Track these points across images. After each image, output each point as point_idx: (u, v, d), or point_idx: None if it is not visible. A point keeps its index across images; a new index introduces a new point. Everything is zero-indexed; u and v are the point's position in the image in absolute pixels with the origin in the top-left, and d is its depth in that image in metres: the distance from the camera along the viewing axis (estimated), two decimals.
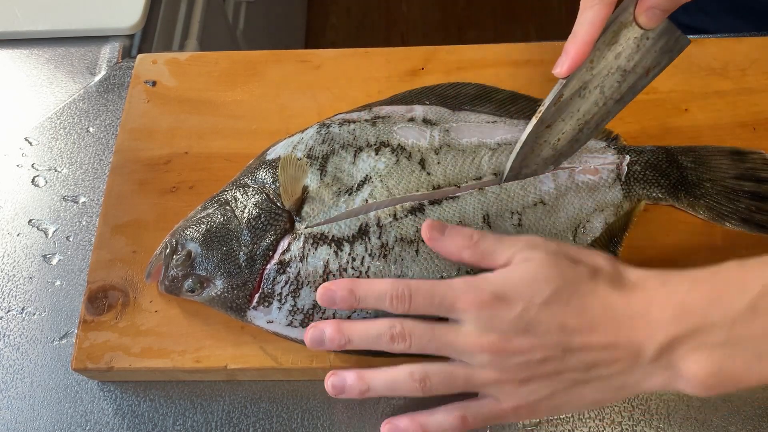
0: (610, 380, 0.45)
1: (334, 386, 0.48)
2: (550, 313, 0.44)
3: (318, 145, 0.54)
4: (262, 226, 0.51)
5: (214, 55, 0.67)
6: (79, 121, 0.67)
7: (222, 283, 0.51)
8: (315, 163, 0.53)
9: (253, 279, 0.51)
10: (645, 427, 0.52)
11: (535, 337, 0.44)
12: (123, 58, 0.72)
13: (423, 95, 0.58)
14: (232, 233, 0.51)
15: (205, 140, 0.62)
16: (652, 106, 0.61)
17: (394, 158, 0.53)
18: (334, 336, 0.47)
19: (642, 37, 0.50)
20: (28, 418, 0.54)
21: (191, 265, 0.52)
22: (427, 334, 0.46)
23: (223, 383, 0.54)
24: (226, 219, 0.52)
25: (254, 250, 0.51)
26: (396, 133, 0.54)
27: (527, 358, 0.44)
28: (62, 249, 0.60)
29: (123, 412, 0.54)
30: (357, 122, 0.55)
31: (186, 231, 0.53)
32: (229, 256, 0.51)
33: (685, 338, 0.42)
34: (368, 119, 0.55)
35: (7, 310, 0.58)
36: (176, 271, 0.52)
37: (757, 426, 0.51)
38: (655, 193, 0.55)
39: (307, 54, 0.66)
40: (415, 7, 1.88)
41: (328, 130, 0.55)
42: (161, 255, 0.53)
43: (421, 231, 0.49)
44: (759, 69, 0.62)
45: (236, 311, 0.52)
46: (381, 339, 0.47)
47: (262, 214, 0.51)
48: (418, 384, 0.46)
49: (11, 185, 0.64)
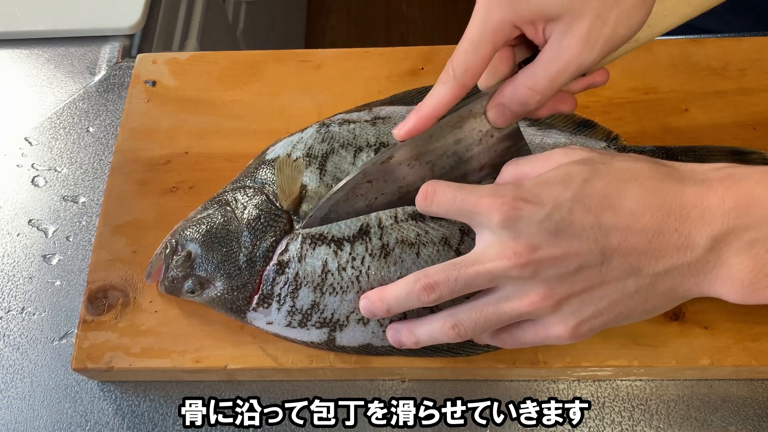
0: (655, 284, 0.40)
1: (393, 341, 0.48)
2: (583, 208, 0.40)
3: (317, 144, 0.54)
4: (261, 227, 0.51)
5: (214, 55, 0.67)
6: (79, 121, 0.67)
7: (222, 285, 0.51)
8: (314, 163, 0.53)
9: (253, 280, 0.51)
10: (645, 427, 0.52)
11: (566, 240, 0.40)
12: (123, 58, 0.72)
13: (423, 95, 0.58)
14: (232, 234, 0.51)
15: (205, 140, 0.62)
16: (652, 106, 0.61)
17: None
18: (377, 305, 0.46)
19: (487, 133, 0.48)
20: (28, 418, 0.54)
21: (191, 266, 0.52)
22: (452, 271, 0.42)
23: (223, 383, 0.54)
24: (227, 220, 0.52)
25: (254, 252, 0.51)
26: None
27: (560, 269, 0.40)
28: (62, 249, 0.60)
29: (123, 412, 0.54)
30: (357, 122, 0.55)
31: (186, 231, 0.53)
32: (229, 258, 0.51)
33: (744, 231, 0.38)
34: (368, 119, 0.55)
35: (7, 310, 0.58)
36: (176, 271, 0.52)
37: (757, 426, 0.51)
38: None
39: (307, 54, 0.66)
40: (415, 7, 1.88)
41: (327, 129, 0.55)
42: (161, 255, 0.53)
43: None
44: (759, 69, 0.62)
45: (236, 312, 0.52)
46: (411, 297, 0.44)
47: (261, 215, 0.51)
48: (453, 331, 0.44)
49: (11, 185, 0.64)
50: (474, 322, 0.43)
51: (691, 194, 0.40)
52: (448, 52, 0.65)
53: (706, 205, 0.39)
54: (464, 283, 0.42)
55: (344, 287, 0.50)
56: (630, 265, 0.40)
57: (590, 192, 0.40)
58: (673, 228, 0.39)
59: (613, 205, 0.40)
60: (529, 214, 0.40)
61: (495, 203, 0.41)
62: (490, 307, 0.43)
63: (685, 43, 0.64)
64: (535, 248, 0.40)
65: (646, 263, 0.40)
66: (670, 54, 0.64)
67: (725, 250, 0.39)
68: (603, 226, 0.40)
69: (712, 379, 0.53)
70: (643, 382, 0.53)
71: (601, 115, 0.61)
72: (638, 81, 0.63)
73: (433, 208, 0.45)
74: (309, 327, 0.51)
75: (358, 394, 0.53)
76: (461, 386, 0.53)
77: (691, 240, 0.39)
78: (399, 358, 0.52)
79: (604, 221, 0.40)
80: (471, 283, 0.42)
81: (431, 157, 0.49)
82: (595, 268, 0.40)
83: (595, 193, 0.40)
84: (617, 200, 0.40)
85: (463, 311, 0.44)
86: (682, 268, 0.40)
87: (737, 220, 0.38)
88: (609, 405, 0.52)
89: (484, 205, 0.42)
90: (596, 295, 0.41)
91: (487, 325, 0.43)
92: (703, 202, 0.39)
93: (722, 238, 0.39)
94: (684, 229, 0.39)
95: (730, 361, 0.50)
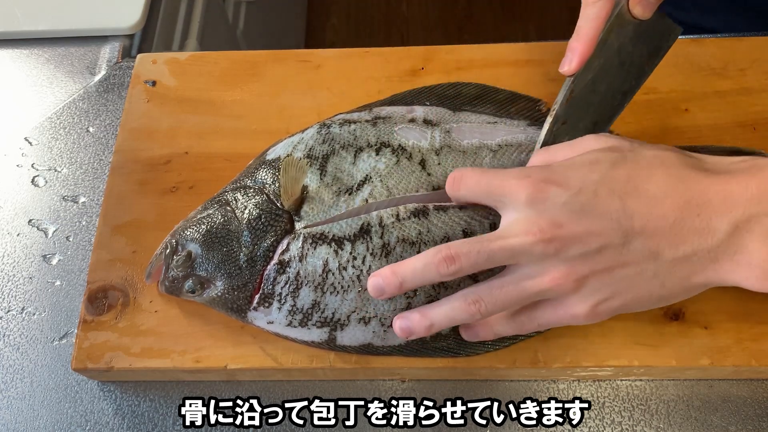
0: (675, 268, 0.41)
1: (402, 329, 0.46)
2: (608, 191, 0.41)
3: (318, 145, 0.54)
4: (262, 226, 0.51)
5: (214, 55, 0.67)
6: (79, 121, 0.67)
7: (222, 284, 0.51)
8: (315, 163, 0.53)
9: (254, 280, 0.51)
10: (645, 427, 0.52)
11: (590, 220, 0.40)
12: (123, 58, 0.72)
13: (423, 95, 0.58)
14: (232, 234, 0.51)
15: (205, 140, 0.62)
16: (652, 106, 0.61)
17: (394, 159, 0.53)
18: (390, 279, 0.44)
19: (637, 28, 0.51)
20: (28, 418, 0.54)
21: (191, 265, 0.51)
22: (475, 244, 0.42)
23: (223, 383, 0.54)
24: (227, 220, 0.52)
25: (255, 251, 0.51)
26: (397, 134, 0.54)
27: (583, 247, 0.41)
28: (62, 249, 0.60)
29: (123, 412, 0.54)
30: (357, 122, 0.55)
31: (186, 231, 0.53)
32: (229, 257, 0.51)
33: (764, 217, 0.39)
34: (369, 120, 0.55)
35: (7, 310, 0.58)
36: (177, 271, 0.52)
37: (757, 426, 0.51)
38: None
39: (307, 54, 0.66)
40: (415, 7, 1.88)
41: (328, 130, 0.54)
42: (161, 255, 0.53)
43: None
44: (759, 69, 0.62)
45: (237, 312, 0.52)
46: (429, 269, 0.43)
47: (262, 215, 0.51)
48: (473, 307, 0.43)
49: (11, 185, 0.64)
50: (495, 298, 0.43)
51: (714, 181, 0.40)
52: (448, 52, 0.66)
53: (729, 192, 0.40)
54: (486, 256, 0.42)
55: (345, 287, 0.50)
56: (651, 248, 0.41)
57: (616, 176, 0.41)
58: (695, 213, 0.40)
59: (638, 189, 0.41)
60: (555, 194, 0.41)
61: (522, 183, 0.42)
62: (511, 284, 0.43)
63: (685, 43, 0.64)
64: (559, 225, 0.41)
65: (666, 247, 0.40)
66: (670, 54, 0.64)
67: (747, 236, 0.39)
68: (627, 209, 0.40)
69: (712, 379, 0.53)
70: (643, 382, 0.53)
71: None
72: None
73: (462, 193, 0.46)
74: (310, 326, 0.51)
75: (358, 394, 0.53)
76: (461, 386, 0.53)
77: (712, 225, 0.40)
78: (399, 359, 0.52)
79: (628, 204, 0.40)
80: (493, 257, 0.42)
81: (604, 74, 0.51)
82: (616, 248, 0.41)
83: (620, 177, 0.41)
84: (642, 185, 0.41)
85: (484, 288, 0.44)
86: (702, 253, 0.40)
87: (759, 206, 0.39)
88: (609, 405, 0.52)
89: (511, 185, 0.43)
90: (617, 275, 0.41)
91: (507, 301, 0.43)
92: (726, 188, 0.40)
93: (744, 224, 0.39)
94: (705, 215, 0.40)
95: (730, 361, 0.50)
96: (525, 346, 0.51)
